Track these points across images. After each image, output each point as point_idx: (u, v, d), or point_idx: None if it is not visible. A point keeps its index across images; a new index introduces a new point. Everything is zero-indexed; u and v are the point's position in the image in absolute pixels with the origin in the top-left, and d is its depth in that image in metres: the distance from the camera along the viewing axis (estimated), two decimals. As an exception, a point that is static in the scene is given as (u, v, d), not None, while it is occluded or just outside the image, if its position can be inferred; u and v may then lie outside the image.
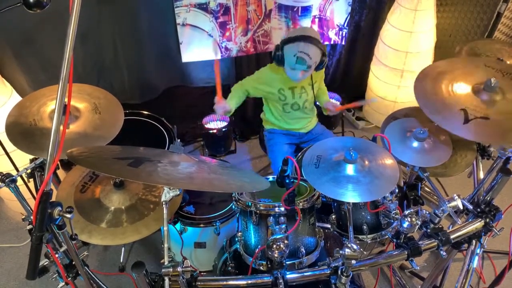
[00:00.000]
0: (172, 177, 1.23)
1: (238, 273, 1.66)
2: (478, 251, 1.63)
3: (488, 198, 1.50)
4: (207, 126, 2.67)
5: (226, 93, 2.88)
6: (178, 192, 1.28)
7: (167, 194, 1.27)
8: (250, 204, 1.47)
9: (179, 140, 1.53)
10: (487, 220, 1.48)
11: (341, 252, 1.20)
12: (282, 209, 1.43)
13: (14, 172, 1.52)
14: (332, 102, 2.24)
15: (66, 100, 0.96)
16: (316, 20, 2.71)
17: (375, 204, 1.52)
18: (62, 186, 1.68)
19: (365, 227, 1.52)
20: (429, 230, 1.39)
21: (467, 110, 1.45)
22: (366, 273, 2.28)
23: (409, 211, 1.33)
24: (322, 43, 1.92)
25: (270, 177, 1.64)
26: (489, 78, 1.48)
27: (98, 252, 2.39)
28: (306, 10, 2.60)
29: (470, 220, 1.52)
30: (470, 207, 1.52)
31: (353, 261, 1.20)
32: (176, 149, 1.39)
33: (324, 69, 2.18)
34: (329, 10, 2.69)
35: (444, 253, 1.39)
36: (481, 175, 1.97)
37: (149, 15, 2.36)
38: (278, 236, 1.29)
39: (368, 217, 1.54)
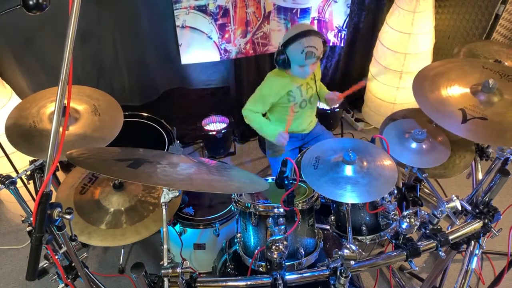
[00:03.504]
0: (171, 178, 1.23)
1: (237, 274, 1.66)
2: (477, 252, 1.63)
3: (487, 199, 1.50)
4: (207, 127, 2.68)
5: (225, 94, 2.90)
6: (178, 193, 1.28)
7: (166, 195, 1.27)
8: (249, 206, 1.48)
9: (178, 141, 1.53)
10: (486, 221, 1.48)
11: (340, 253, 1.20)
12: (281, 210, 1.43)
13: (13, 174, 1.52)
14: (333, 92, 2.17)
15: (65, 101, 0.96)
16: (315, 22, 2.72)
17: (374, 205, 1.52)
18: (61, 188, 1.68)
19: (364, 228, 1.53)
20: (428, 231, 1.39)
21: (466, 110, 1.46)
22: (366, 274, 2.28)
23: (407, 212, 1.33)
24: None
25: (269, 179, 1.65)
26: (487, 79, 1.48)
27: (98, 254, 2.39)
28: (305, 12, 2.60)
29: (468, 221, 1.53)
30: (469, 208, 1.52)
31: (352, 262, 1.20)
32: (176, 150, 1.39)
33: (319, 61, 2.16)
34: (328, 12, 2.70)
35: (443, 254, 1.39)
36: (480, 176, 1.97)
37: (149, 17, 2.37)
38: (277, 237, 1.29)
39: (367, 218, 1.54)
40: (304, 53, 1.87)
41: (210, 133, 2.63)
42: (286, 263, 1.41)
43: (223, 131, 2.63)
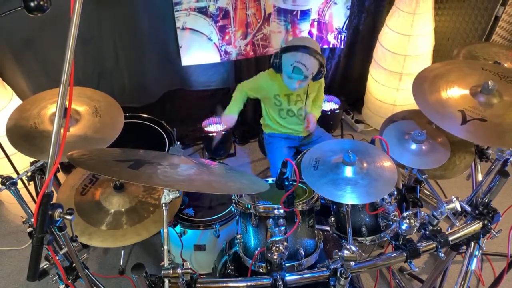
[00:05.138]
0: (171, 179, 1.23)
1: (237, 275, 1.66)
2: (476, 253, 1.63)
3: (486, 200, 1.50)
4: (207, 129, 2.68)
5: (225, 95, 2.91)
6: (178, 194, 1.28)
7: (166, 196, 1.27)
8: (249, 207, 1.48)
9: (178, 142, 1.53)
10: (486, 222, 1.49)
11: (340, 254, 1.21)
12: (282, 211, 1.43)
13: (14, 175, 1.52)
14: (312, 118, 2.17)
15: (66, 103, 0.97)
16: (315, 23, 2.73)
17: (374, 206, 1.52)
18: (62, 189, 1.69)
19: (364, 229, 1.53)
20: (427, 232, 1.39)
21: (465, 111, 1.46)
22: (366, 276, 2.28)
23: (407, 213, 1.33)
24: (321, 46, 1.93)
25: (270, 180, 1.65)
26: (486, 81, 1.49)
27: (98, 255, 2.39)
28: (305, 14, 2.61)
29: (468, 222, 1.53)
30: (469, 209, 1.52)
31: (352, 263, 1.20)
32: (176, 151, 1.40)
33: (323, 80, 2.18)
34: (328, 13, 2.71)
35: (443, 255, 1.40)
36: (480, 177, 1.98)
37: (149, 19, 2.38)
38: (277, 238, 1.30)
39: (367, 219, 1.55)
40: (292, 66, 1.88)
41: (211, 134, 2.63)
42: (286, 264, 1.41)
43: (223, 132, 2.64)
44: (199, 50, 2.57)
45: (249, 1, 2.45)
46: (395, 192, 1.50)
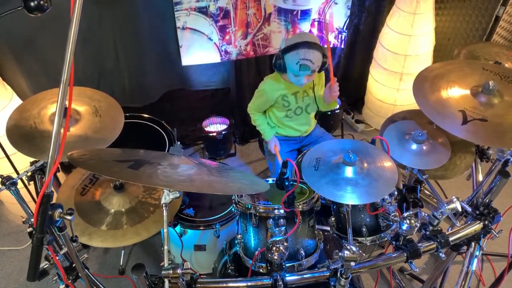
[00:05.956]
0: (172, 179, 1.23)
1: (238, 275, 1.66)
2: (477, 253, 1.63)
3: (487, 200, 1.50)
4: (207, 129, 2.68)
5: (225, 95, 2.91)
6: (178, 195, 1.28)
7: (167, 196, 1.27)
8: (249, 207, 1.48)
9: (179, 142, 1.53)
10: (486, 222, 1.49)
11: (340, 254, 1.21)
12: (282, 211, 1.43)
13: (14, 175, 1.52)
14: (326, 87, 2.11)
15: (66, 103, 0.96)
16: (316, 23, 2.72)
17: (374, 207, 1.52)
18: (62, 189, 1.68)
19: (364, 229, 1.53)
20: (428, 232, 1.39)
21: (466, 111, 1.46)
22: (366, 276, 2.28)
23: (408, 213, 1.33)
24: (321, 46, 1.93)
25: (270, 180, 1.65)
26: (487, 81, 1.49)
27: (98, 255, 2.39)
28: (305, 13, 2.61)
29: (469, 222, 1.53)
30: (469, 209, 1.52)
31: (352, 263, 1.20)
32: (176, 151, 1.40)
33: (324, 72, 2.18)
34: (329, 13, 2.71)
35: (443, 255, 1.39)
36: (480, 178, 1.97)
37: (149, 18, 2.38)
38: (277, 239, 1.30)
39: (368, 219, 1.54)
40: (299, 65, 1.87)
41: (211, 134, 2.63)
42: (287, 264, 1.41)
43: (223, 132, 2.64)
44: (199, 50, 2.57)
45: (250, 1, 2.44)
46: (396, 192, 1.50)
